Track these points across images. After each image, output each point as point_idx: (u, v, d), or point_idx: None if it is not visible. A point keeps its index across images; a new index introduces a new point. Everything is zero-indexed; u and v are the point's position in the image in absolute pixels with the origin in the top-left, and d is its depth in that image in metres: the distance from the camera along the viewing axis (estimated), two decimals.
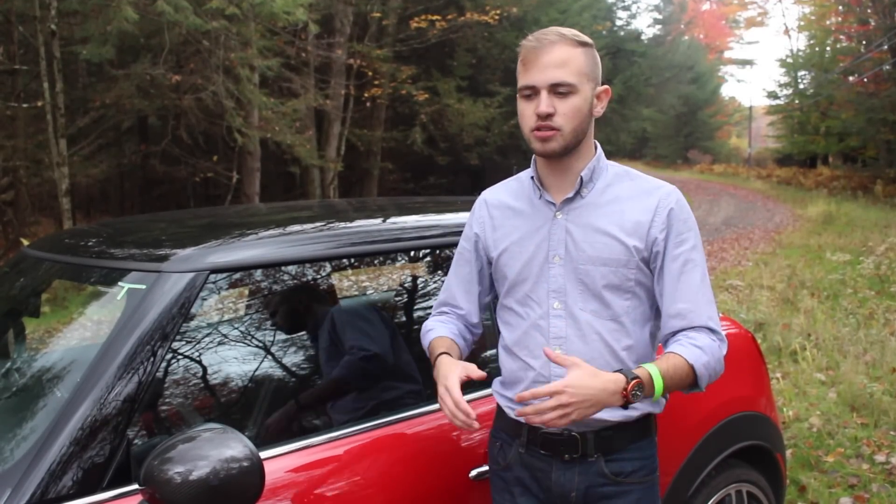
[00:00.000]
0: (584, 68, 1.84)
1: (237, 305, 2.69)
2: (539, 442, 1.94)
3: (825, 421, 5.06)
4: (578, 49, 1.84)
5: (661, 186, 1.93)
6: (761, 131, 53.91)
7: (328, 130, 18.58)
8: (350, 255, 2.30)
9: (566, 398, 1.66)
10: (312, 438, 2.01)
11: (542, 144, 1.85)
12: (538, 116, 1.83)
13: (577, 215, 1.91)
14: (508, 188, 2.07)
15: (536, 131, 1.84)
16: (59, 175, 11.34)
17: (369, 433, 2.09)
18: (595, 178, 1.93)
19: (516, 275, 1.95)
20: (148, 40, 13.29)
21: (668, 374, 1.77)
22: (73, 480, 1.63)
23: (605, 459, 1.91)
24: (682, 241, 1.88)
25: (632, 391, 1.70)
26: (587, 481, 1.91)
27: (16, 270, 2.50)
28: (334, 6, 17.00)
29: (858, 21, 28.74)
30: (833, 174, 31.07)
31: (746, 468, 2.92)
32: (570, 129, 1.84)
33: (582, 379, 1.69)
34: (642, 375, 1.74)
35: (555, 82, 1.81)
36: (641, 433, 1.96)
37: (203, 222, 2.60)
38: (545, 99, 1.82)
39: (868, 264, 10.87)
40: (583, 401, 1.67)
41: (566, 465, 1.92)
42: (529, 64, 1.84)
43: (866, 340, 6.81)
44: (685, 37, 51.10)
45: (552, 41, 1.83)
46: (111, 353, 1.76)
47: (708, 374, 1.82)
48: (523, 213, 1.98)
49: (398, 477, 2.07)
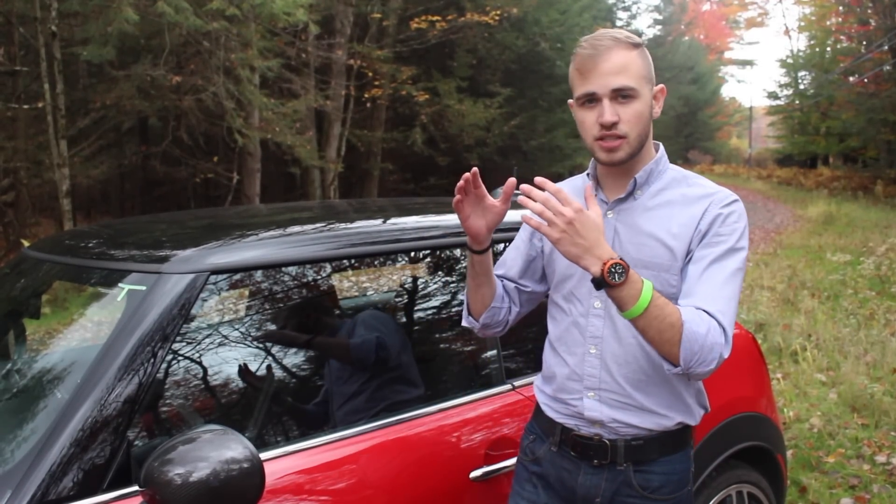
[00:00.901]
0: (642, 70, 1.81)
1: (237, 306, 2.69)
2: (570, 443, 1.93)
3: (826, 421, 5.06)
4: (634, 51, 1.80)
5: (717, 192, 1.85)
6: (762, 132, 53.96)
7: (328, 131, 18.57)
8: (351, 256, 2.29)
9: (573, 217, 1.62)
10: (313, 440, 2.01)
11: (609, 154, 1.81)
12: (602, 126, 1.78)
13: (627, 216, 1.88)
14: (573, 184, 2.06)
15: (601, 141, 1.80)
16: (60, 176, 11.34)
17: (369, 434, 2.09)
18: (651, 181, 1.89)
19: (564, 269, 1.94)
20: (148, 41, 13.30)
21: (660, 302, 1.66)
22: (73, 482, 1.63)
23: (635, 469, 1.89)
24: (715, 243, 1.78)
25: (610, 266, 1.61)
26: (613, 489, 1.89)
27: (16, 271, 2.50)
28: (334, 7, 17.01)
29: (859, 21, 28.75)
30: (833, 174, 31.09)
31: (747, 469, 2.92)
32: (636, 135, 1.80)
33: (592, 219, 1.64)
34: (633, 273, 1.65)
35: (616, 88, 1.77)
36: (674, 446, 1.92)
37: (203, 223, 2.60)
38: (608, 107, 1.77)
39: (868, 265, 10.87)
40: (579, 234, 1.62)
41: (594, 470, 1.90)
42: (587, 72, 1.79)
43: (867, 341, 6.81)
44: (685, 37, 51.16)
45: (608, 46, 1.78)
46: (111, 354, 1.76)
47: (691, 348, 1.66)
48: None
49: (398, 478, 2.07)
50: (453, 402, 2.29)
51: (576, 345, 1.91)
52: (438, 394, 2.38)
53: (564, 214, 1.62)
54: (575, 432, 1.92)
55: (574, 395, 1.92)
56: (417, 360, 2.51)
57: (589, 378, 1.89)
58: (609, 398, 1.88)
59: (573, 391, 1.92)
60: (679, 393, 1.89)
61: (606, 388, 1.88)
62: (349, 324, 2.57)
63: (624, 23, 31.67)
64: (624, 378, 1.86)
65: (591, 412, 1.89)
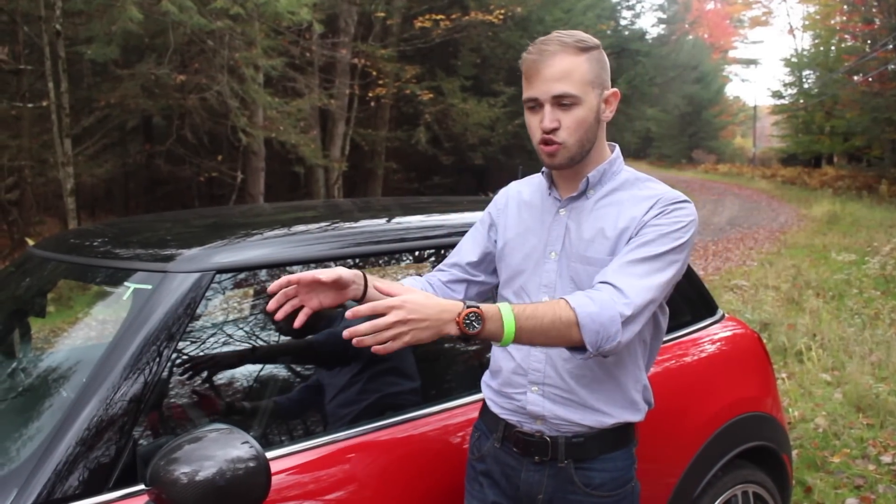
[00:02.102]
0: (587, 76, 1.81)
1: (243, 305, 2.68)
2: (513, 440, 1.95)
3: (831, 421, 5.05)
4: (581, 56, 1.80)
5: (664, 194, 1.85)
6: (766, 131, 53.82)
7: (332, 130, 18.58)
8: (355, 256, 2.29)
9: (403, 313, 1.53)
10: (314, 440, 2.01)
11: (549, 159, 1.85)
12: (542, 130, 1.82)
13: (578, 214, 1.90)
14: (531, 181, 2.09)
15: (543, 145, 1.84)
16: (64, 175, 11.36)
17: (371, 434, 2.08)
18: (604, 181, 1.91)
19: (516, 265, 1.96)
20: (153, 40, 13.31)
21: (526, 314, 1.63)
22: (79, 480, 1.63)
23: (576, 467, 1.90)
24: (645, 233, 1.78)
25: (464, 319, 1.57)
26: (555, 486, 1.91)
27: (22, 270, 2.51)
28: (339, 6, 17.00)
29: (863, 20, 28.68)
30: (838, 174, 31.00)
31: (752, 469, 2.92)
32: (575, 142, 1.82)
33: (418, 298, 1.57)
34: (486, 309, 1.60)
35: (556, 94, 1.79)
36: (614, 443, 1.92)
37: (208, 222, 2.60)
38: (549, 113, 1.80)
39: (873, 264, 10.84)
40: (419, 319, 1.54)
41: (536, 467, 1.92)
42: (532, 76, 1.81)
43: (872, 341, 6.79)
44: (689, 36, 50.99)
45: (553, 52, 1.79)
46: (117, 353, 1.76)
47: (595, 330, 1.64)
48: (533, 207, 2.00)
49: (403, 478, 2.07)
50: (457, 402, 2.28)
51: None
52: (442, 393, 2.37)
53: (392, 321, 1.52)
54: (517, 429, 1.94)
55: (518, 389, 1.93)
56: (421, 361, 2.50)
57: (533, 372, 1.90)
58: (552, 393, 1.89)
59: (517, 385, 1.93)
60: (625, 388, 1.91)
61: (550, 382, 1.89)
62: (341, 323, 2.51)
63: (628, 21, 31.59)
64: (569, 373, 1.87)
65: (533, 406, 1.90)
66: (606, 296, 1.67)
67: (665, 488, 2.63)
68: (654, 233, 1.77)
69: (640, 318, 1.71)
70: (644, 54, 27.85)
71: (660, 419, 2.63)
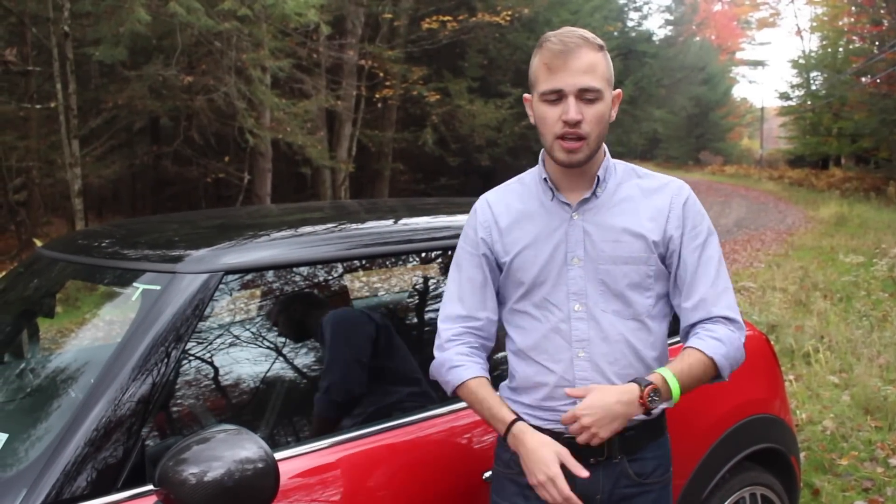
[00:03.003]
0: (606, 73, 1.82)
1: (251, 306, 2.69)
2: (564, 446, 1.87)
3: (839, 424, 5.03)
4: (600, 53, 1.82)
5: (671, 182, 1.95)
6: (773, 132, 53.71)
7: (339, 131, 18.60)
8: (362, 257, 2.29)
9: (587, 420, 1.72)
10: (325, 441, 2.01)
11: (570, 155, 1.81)
12: (566, 123, 1.79)
13: (594, 215, 1.88)
14: (511, 191, 2.01)
15: (562, 140, 1.81)
16: (72, 176, 11.40)
17: (382, 435, 2.08)
18: (607, 178, 1.92)
19: (534, 278, 1.89)
20: (160, 41, 13.35)
21: (684, 374, 1.80)
22: (87, 481, 1.63)
23: (629, 460, 1.91)
24: (697, 234, 1.90)
25: (648, 398, 1.74)
26: (611, 483, 1.90)
27: (30, 271, 2.51)
28: (346, 7, 17.03)
29: (871, 22, 28.59)
30: (845, 175, 30.89)
31: (760, 471, 2.91)
32: (595, 137, 1.82)
33: (595, 399, 1.74)
34: (656, 381, 1.76)
35: (584, 87, 1.78)
36: (660, 431, 1.99)
37: (216, 223, 2.60)
38: (574, 105, 1.78)
39: (881, 266, 10.80)
40: (602, 418, 1.72)
41: (591, 469, 1.87)
42: (556, 68, 1.78)
43: (880, 343, 6.77)
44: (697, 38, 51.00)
45: (578, 44, 1.78)
46: (126, 353, 1.77)
47: (729, 365, 1.85)
48: (535, 216, 1.93)
49: (411, 479, 2.07)
50: (463, 403, 2.28)
51: (559, 351, 1.88)
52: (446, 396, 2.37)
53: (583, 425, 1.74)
54: (566, 435, 1.86)
55: (566, 400, 1.87)
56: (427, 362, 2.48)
57: (581, 382, 1.87)
58: None
59: (564, 397, 1.87)
60: None
61: None
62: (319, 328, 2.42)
63: (635, 23, 31.56)
64: (616, 375, 1.87)
65: None
66: (726, 331, 1.87)
67: (673, 490, 2.62)
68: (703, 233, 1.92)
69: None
70: (651, 56, 27.84)
71: (668, 421, 2.63)
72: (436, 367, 1.97)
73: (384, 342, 2.44)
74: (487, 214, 1.98)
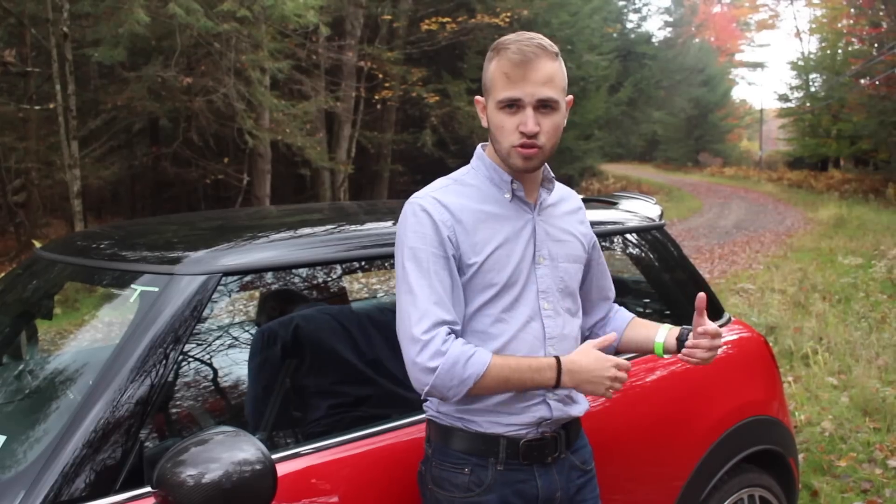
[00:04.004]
0: (562, 82, 1.82)
1: (248, 307, 2.69)
2: (520, 453, 1.86)
3: (837, 425, 5.04)
4: (557, 62, 1.81)
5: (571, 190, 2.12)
6: (772, 134, 53.75)
7: (339, 132, 18.60)
8: (361, 258, 2.29)
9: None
10: (316, 443, 1.99)
11: (526, 162, 1.81)
12: (523, 134, 1.78)
13: (547, 216, 1.95)
14: (459, 191, 1.90)
15: (520, 148, 1.80)
16: (71, 177, 11.39)
17: (380, 437, 2.08)
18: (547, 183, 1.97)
19: (507, 278, 1.84)
20: (159, 43, 13.35)
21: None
22: (86, 482, 1.63)
23: (571, 452, 1.97)
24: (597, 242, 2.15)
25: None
26: (565, 478, 1.94)
27: (29, 272, 2.51)
28: (345, 9, 17.03)
29: (870, 24, 28.62)
30: (844, 177, 30.92)
31: (759, 472, 2.91)
32: (551, 146, 1.83)
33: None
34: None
35: (542, 98, 1.77)
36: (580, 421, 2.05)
37: (215, 224, 2.60)
38: (532, 116, 1.77)
39: (880, 268, 10.81)
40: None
41: (546, 469, 1.90)
42: (515, 77, 1.77)
43: (878, 344, 6.77)
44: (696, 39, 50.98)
45: (537, 54, 1.77)
46: (124, 355, 1.77)
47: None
48: (500, 216, 1.87)
49: (405, 483, 2.06)
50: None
51: (533, 349, 1.86)
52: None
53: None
54: (523, 440, 1.86)
55: (534, 400, 1.87)
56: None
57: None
58: (565, 397, 1.93)
59: (533, 397, 1.87)
60: None
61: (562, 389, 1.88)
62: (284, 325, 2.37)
63: (634, 24, 31.58)
64: None
65: (558, 413, 1.90)
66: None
67: (671, 491, 2.63)
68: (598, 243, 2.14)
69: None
70: (650, 57, 27.88)
71: (666, 423, 2.63)
72: (446, 372, 1.72)
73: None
74: (445, 214, 1.84)
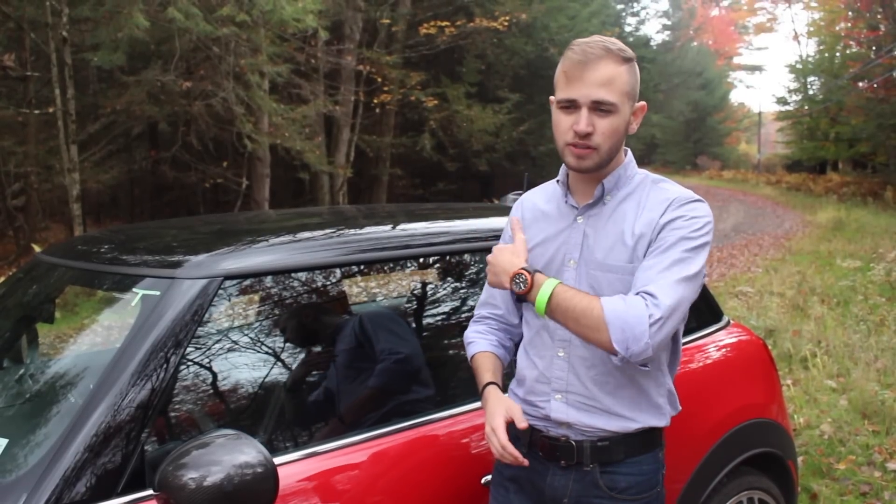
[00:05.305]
0: (626, 87, 1.81)
1: (249, 311, 2.69)
2: (539, 445, 1.96)
3: (836, 428, 5.04)
4: (623, 66, 1.81)
5: (679, 193, 1.86)
6: (771, 137, 53.82)
7: (338, 136, 18.62)
8: (360, 262, 2.30)
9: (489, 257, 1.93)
10: (324, 445, 2.01)
11: (578, 161, 1.83)
12: (576, 133, 1.80)
13: (595, 221, 1.90)
14: (545, 190, 2.09)
15: (572, 147, 1.82)
16: (70, 181, 11.40)
17: (381, 440, 2.09)
18: (620, 186, 1.91)
19: None
20: (158, 47, 13.37)
21: (565, 297, 1.76)
22: (87, 486, 1.64)
23: (601, 471, 1.90)
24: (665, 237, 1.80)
25: (514, 277, 1.83)
26: (580, 490, 1.91)
27: (29, 276, 2.52)
28: (344, 13, 17.06)
29: (868, 27, 28.68)
30: (843, 180, 30.94)
31: (758, 475, 2.91)
32: (607, 149, 1.82)
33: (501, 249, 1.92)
34: (536, 277, 1.81)
35: (597, 100, 1.78)
36: (641, 447, 1.93)
37: (214, 228, 2.61)
38: (585, 117, 1.79)
39: (878, 271, 10.82)
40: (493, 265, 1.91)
41: (562, 471, 1.92)
42: (572, 77, 1.80)
43: (877, 347, 6.78)
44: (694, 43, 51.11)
45: (598, 56, 1.78)
46: (125, 358, 1.77)
47: (619, 326, 1.68)
48: (550, 216, 1.99)
49: (409, 483, 2.07)
50: (464, 408, 2.29)
51: (545, 348, 1.95)
52: (450, 399, 2.38)
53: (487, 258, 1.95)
54: (543, 433, 1.95)
55: (542, 397, 1.94)
56: (428, 366, 2.50)
57: (556, 381, 1.92)
58: (576, 401, 1.90)
59: (541, 393, 1.94)
60: (647, 394, 1.92)
61: (573, 390, 1.90)
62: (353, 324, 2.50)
63: (633, 28, 31.63)
64: (591, 381, 1.88)
65: (557, 414, 1.91)
66: (638, 299, 1.71)
67: (671, 494, 2.63)
68: (674, 237, 1.79)
69: (670, 320, 1.71)
70: (649, 61, 27.88)
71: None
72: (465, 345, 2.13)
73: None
74: (519, 211, 2.10)
